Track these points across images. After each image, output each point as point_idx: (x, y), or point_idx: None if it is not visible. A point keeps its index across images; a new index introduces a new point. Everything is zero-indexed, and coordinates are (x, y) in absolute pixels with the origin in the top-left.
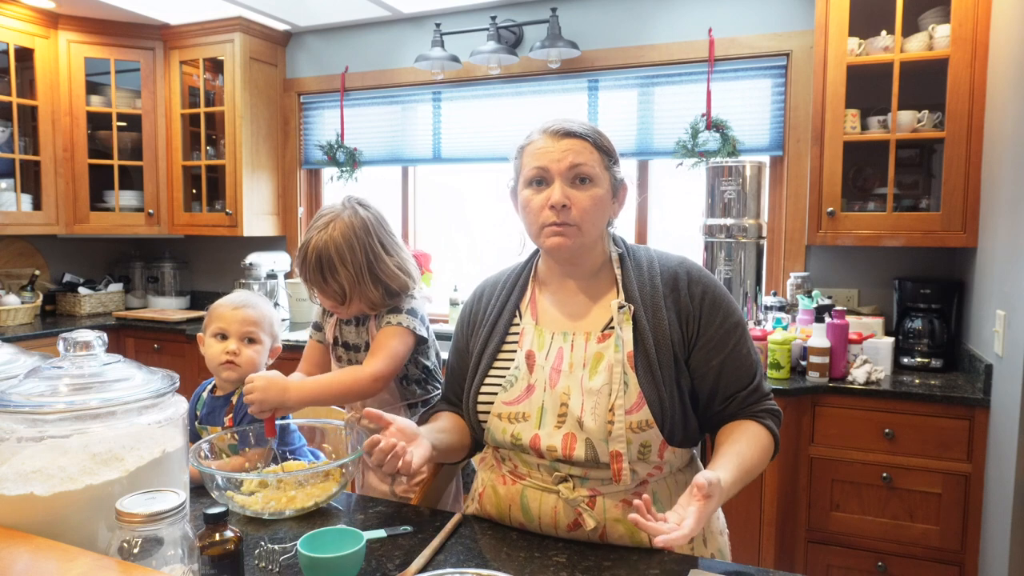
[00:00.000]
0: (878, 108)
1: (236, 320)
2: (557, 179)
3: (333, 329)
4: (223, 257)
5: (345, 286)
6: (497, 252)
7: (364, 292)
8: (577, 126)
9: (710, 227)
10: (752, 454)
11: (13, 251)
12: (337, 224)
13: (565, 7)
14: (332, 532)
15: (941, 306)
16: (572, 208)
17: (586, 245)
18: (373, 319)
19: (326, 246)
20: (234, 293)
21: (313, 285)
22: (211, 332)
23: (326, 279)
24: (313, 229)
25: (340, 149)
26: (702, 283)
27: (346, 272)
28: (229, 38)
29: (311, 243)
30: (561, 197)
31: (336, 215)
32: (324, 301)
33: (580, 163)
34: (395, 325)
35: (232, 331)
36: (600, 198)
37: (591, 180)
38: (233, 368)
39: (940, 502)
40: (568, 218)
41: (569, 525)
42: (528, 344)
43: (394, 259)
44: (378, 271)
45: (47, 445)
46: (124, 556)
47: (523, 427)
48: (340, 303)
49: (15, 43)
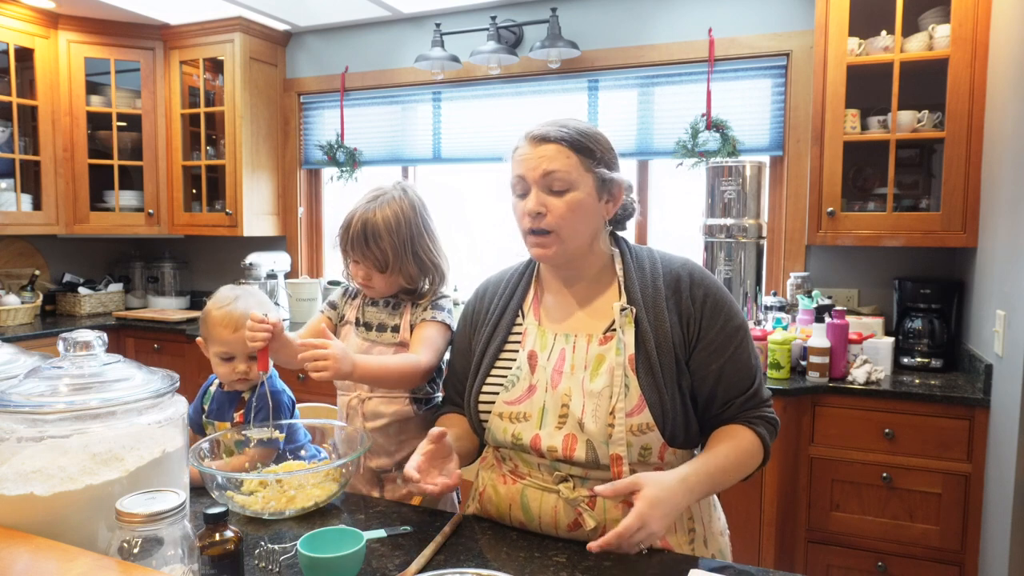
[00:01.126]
0: (878, 108)
1: (239, 342)
2: (533, 187)
3: (357, 310)
4: (223, 257)
5: (389, 253)
6: (497, 252)
7: (404, 265)
8: (555, 130)
9: (710, 227)
10: (733, 457)
11: (13, 251)
12: (386, 199)
13: (565, 7)
14: (332, 532)
15: (941, 306)
16: (548, 215)
17: (571, 251)
18: (409, 306)
19: (374, 215)
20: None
21: (354, 251)
22: (214, 352)
23: (368, 245)
24: (361, 203)
25: (340, 149)
26: (704, 285)
27: (391, 240)
28: (229, 38)
29: (357, 214)
30: (535, 205)
31: (385, 192)
32: (356, 273)
33: (553, 170)
34: (437, 322)
35: (237, 352)
36: (579, 202)
37: (568, 186)
38: (246, 382)
39: (940, 502)
40: (545, 224)
41: (569, 525)
42: (530, 344)
43: (433, 242)
44: (419, 248)
45: (47, 445)
46: (124, 556)
47: (524, 427)
48: (380, 270)
49: (15, 43)
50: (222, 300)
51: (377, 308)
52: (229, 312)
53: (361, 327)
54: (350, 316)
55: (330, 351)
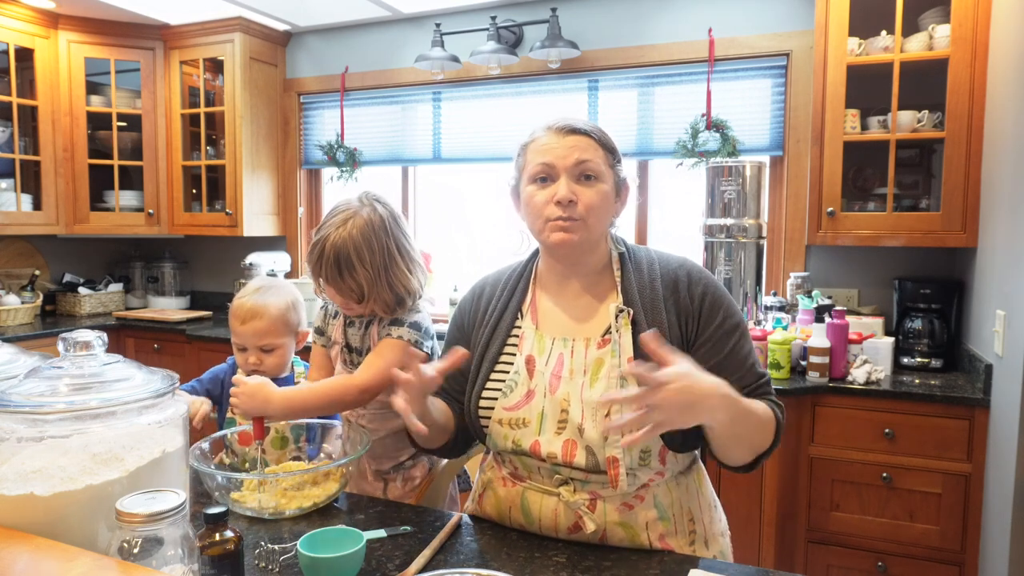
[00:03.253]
0: (878, 108)
1: (248, 335)
2: (563, 175)
3: (339, 331)
4: (223, 257)
5: (364, 285)
6: (497, 252)
7: (380, 293)
8: (582, 123)
9: (710, 227)
10: (756, 409)
11: (13, 251)
12: (356, 221)
13: (565, 7)
14: (332, 532)
15: (941, 306)
16: (579, 203)
17: (590, 242)
18: (376, 324)
19: (344, 244)
20: (245, 291)
21: (329, 283)
22: (233, 339)
23: (343, 277)
24: (329, 225)
25: (340, 149)
26: (702, 283)
27: (364, 272)
28: (229, 38)
29: (328, 240)
30: (568, 192)
31: (354, 212)
32: (335, 299)
33: (586, 159)
34: (395, 338)
35: (248, 344)
36: (606, 195)
37: (597, 177)
38: (262, 374)
39: (940, 502)
40: (574, 213)
41: (569, 528)
42: (528, 349)
43: (407, 263)
44: (393, 276)
45: (47, 445)
46: (124, 556)
47: (523, 433)
48: (357, 302)
49: (15, 43)
50: (245, 290)
51: (354, 329)
52: (242, 303)
53: (344, 349)
54: (337, 337)
55: (238, 389)
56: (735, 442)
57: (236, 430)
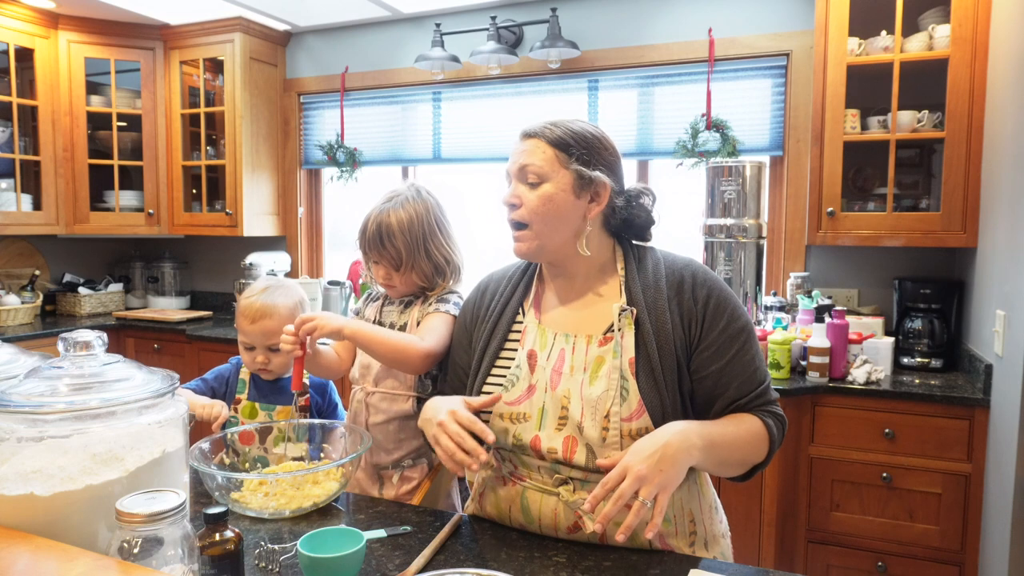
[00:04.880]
0: (878, 108)
1: (257, 334)
2: (514, 180)
3: (376, 311)
4: (223, 257)
5: (402, 251)
6: (497, 252)
7: (418, 262)
8: (539, 127)
9: (710, 227)
10: (733, 429)
11: (13, 251)
12: (400, 201)
13: (565, 7)
14: (332, 532)
15: (941, 306)
16: (522, 207)
17: (550, 249)
18: (419, 303)
19: (388, 216)
20: (252, 291)
21: (371, 251)
22: (239, 339)
23: (384, 245)
24: (376, 205)
25: (340, 149)
26: (707, 286)
27: (404, 239)
28: (229, 38)
29: (372, 215)
30: (510, 197)
31: (400, 194)
32: (378, 272)
33: (527, 163)
34: (442, 312)
35: (257, 344)
36: (549, 196)
37: (541, 178)
38: (269, 373)
39: (940, 502)
40: (518, 216)
41: (569, 527)
42: (530, 343)
43: (446, 239)
44: (432, 246)
45: (47, 445)
46: (124, 556)
47: (524, 428)
48: (396, 268)
49: (15, 43)
50: (252, 290)
51: (393, 307)
52: (251, 303)
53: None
54: (370, 316)
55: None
56: (723, 468)
57: (236, 430)
